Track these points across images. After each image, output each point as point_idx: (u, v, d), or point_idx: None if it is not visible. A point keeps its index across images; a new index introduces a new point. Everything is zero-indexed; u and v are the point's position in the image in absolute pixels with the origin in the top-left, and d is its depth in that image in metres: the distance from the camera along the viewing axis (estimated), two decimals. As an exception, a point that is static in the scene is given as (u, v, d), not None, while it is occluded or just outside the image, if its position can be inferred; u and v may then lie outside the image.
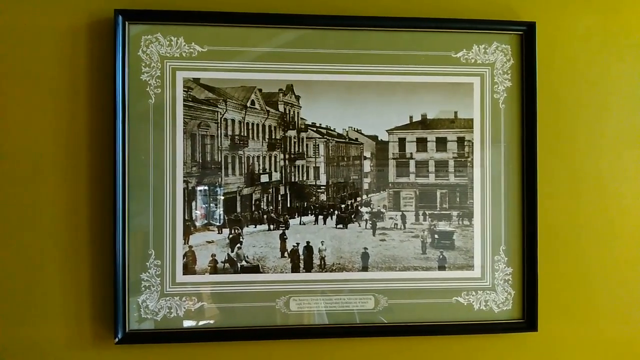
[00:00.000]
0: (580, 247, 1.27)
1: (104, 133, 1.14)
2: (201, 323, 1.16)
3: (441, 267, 1.22)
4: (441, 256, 1.23)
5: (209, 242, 1.17)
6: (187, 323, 1.15)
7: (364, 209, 1.24)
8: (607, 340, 1.27)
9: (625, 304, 1.28)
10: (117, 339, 1.12)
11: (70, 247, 1.14)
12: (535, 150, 1.21)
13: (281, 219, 1.21)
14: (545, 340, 1.25)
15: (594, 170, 1.27)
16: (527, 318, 1.22)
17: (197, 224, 1.17)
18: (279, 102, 1.20)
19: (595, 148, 1.27)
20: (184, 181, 1.16)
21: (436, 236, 1.23)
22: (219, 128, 1.18)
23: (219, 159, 1.18)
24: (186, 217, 1.16)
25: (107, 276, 1.13)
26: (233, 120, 1.19)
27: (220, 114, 1.18)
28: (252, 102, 1.20)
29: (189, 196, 1.16)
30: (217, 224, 1.18)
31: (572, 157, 1.27)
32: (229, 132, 1.19)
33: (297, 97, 1.20)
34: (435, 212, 1.24)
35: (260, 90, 1.20)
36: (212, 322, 1.16)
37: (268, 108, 1.21)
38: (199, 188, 1.17)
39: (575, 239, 1.27)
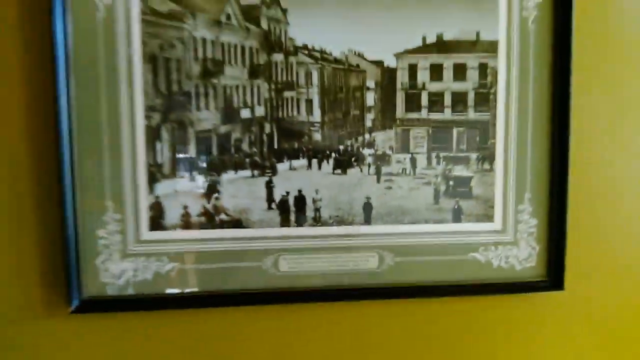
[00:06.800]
0: (617, 197, 1.09)
1: (39, 56, 0.90)
2: (173, 287, 0.98)
3: (456, 219, 1.04)
4: (456, 206, 1.04)
5: (180, 192, 0.97)
6: (157, 288, 0.97)
7: (366, 151, 1.04)
8: None
9: (662, 258, 1.12)
10: (72, 308, 0.93)
11: (12, 203, 0.94)
12: (570, 81, 1.00)
13: (267, 163, 1.00)
14: (571, 300, 1.09)
15: None
16: (553, 276, 1.05)
17: (164, 169, 0.96)
18: (260, 17, 0.96)
19: (640, 78, 1.07)
20: (146, 117, 0.93)
21: (451, 183, 1.04)
22: (187, 50, 0.95)
23: (189, 89, 0.95)
24: (150, 162, 0.95)
25: (57, 235, 0.93)
26: (204, 40, 0.96)
27: (188, 31, 0.94)
28: (228, 17, 0.96)
29: (153, 135, 0.94)
30: (189, 169, 0.98)
31: (614, 89, 1.07)
32: (200, 55, 0.95)
33: (284, 11, 0.96)
34: (451, 155, 1.05)
35: (237, 1, 0.96)
36: (186, 286, 0.98)
37: (247, 24, 0.97)
38: (164, 125, 0.95)
39: (611, 188, 1.09)
